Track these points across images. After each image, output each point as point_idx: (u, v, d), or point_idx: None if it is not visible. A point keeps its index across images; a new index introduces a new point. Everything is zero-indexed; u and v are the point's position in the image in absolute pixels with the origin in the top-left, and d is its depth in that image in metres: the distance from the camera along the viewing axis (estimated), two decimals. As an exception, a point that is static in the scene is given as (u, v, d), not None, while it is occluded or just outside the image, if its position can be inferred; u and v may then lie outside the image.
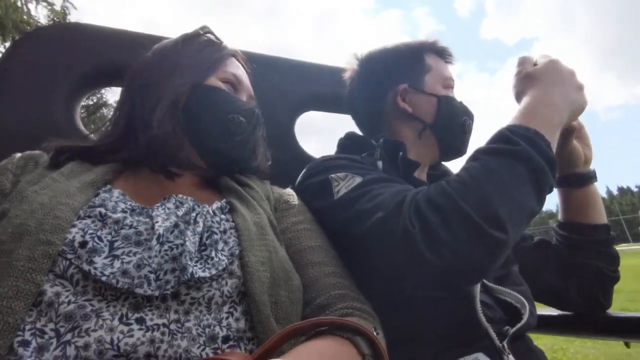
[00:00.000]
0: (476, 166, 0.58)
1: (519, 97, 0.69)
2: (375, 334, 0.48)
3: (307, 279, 0.59)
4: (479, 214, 0.52)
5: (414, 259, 0.53)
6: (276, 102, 1.01)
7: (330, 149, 0.92)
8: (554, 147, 0.61)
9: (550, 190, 0.60)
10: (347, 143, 0.88)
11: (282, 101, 1.03)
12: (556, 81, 0.67)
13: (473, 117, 0.87)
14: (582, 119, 0.79)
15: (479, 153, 0.60)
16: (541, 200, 0.58)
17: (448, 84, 0.87)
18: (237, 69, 0.70)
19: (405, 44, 0.89)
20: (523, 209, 0.56)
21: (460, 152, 0.88)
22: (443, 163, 1.01)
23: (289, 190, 0.74)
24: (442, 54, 0.89)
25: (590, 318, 0.83)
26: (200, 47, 0.69)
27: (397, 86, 0.85)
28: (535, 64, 0.71)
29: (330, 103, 1.08)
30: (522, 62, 0.72)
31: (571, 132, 0.77)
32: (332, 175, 0.68)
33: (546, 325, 0.84)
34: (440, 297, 0.63)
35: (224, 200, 0.62)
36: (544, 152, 0.58)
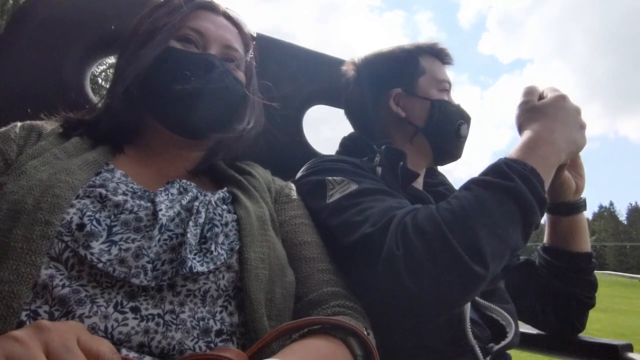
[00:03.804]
0: (468, 197, 0.58)
1: (521, 128, 0.68)
2: (366, 334, 0.48)
3: (301, 273, 0.59)
4: (463, 246, 0.52)
5: (393, 282, 0.54)
6: (287, 92, 0.98)
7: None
8: (547, 185, 0.61)
9: (537, 228, 0.60)
10: (350, 144, 0.88)
11: (293, 92, 1.00)
12: (560, 119, 0.66)
13: (469, 119, 0.87)
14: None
15: (472, 183, 0.60)
16: (526, 238, 0.58)
17: (443, 86, 0.85)
18: (202, 21, 0.64)
19: (401, 47, 0.88)
20: (507, 246, 0.56)
21: (454, 156, 0.87)
22: (440, 172, 1.02)
23: (290, 184, 0.73)
24: (439, 55, 0.88)
25: (563, 340, 0.85)
26: (167, 10, 0.65)
27: (391, 90, 0.85)
28: (541, 96, 0.70)
29: (340, 98, 1.05)
30: (529, 92, 0.71)
31: (564, 164, 0.75)
32: (329, 178, 0.68)
33: (522, 342, 0.86)
34: None
35: (226, 189, 0.61)
36: (537, 192, 0.58)
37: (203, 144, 0.65)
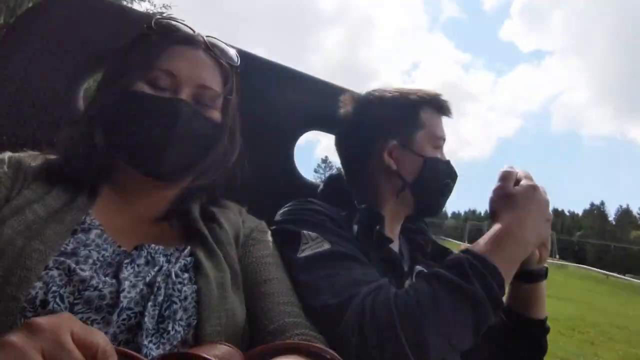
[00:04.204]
0: (426, 292, 0.60)
1: (494, 215, 0.72)
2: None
3: (260, 309, 0.60)
4: (410, 343, 0.56)
5: (343, 355, 0.56)
6: (277, 117, 0.95)
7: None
8: (508, 282, 0.64)
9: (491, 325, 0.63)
10: (331, 191, 0.89)
11: (284, 116, 0.97)
12: (531, 210, 0.70)
13: (456, 177, 0.88)
14: (565, 141, 0.79)
15: (433, 279, 0.62)
16: (476, 338, 0.61)
17: (438, 144, 0.86)
18: (176, 61, 0.62)
19: (404, 95, 0.86)
20: (455, 346, 0.60)
21: (435, 213, 0.90)
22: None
23: (262, 226, 0.73)
24: (441, 109, 0.88)
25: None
26: (142, 46, 0.63)
27: (387, 140, 0.84)
28: (517, 180, 0.73)
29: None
30: (506, 177, 0.74)
31: None
32: (304, 232, 0.69)
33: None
34: None
35: (189, 250, 0.60)
36: (494, 295, 0.61)
37: (176, 185, 0.65)
